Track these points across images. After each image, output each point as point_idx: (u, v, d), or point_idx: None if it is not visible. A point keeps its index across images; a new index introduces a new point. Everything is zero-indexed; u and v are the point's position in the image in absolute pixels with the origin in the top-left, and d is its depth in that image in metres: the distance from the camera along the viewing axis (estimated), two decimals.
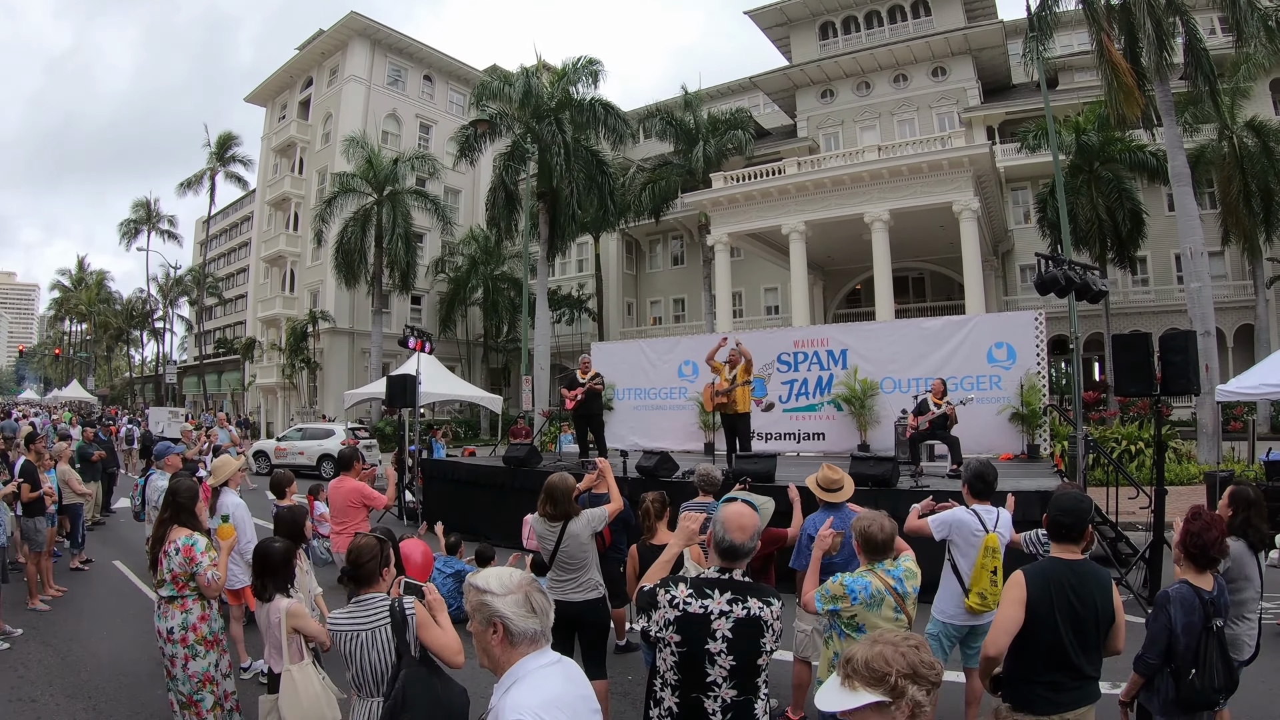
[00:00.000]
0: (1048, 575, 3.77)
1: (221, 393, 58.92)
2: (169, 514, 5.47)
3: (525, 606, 2.50)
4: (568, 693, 2.47)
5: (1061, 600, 3.70)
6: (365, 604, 3.79)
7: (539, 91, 29.42)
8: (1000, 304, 35.00)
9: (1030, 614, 3.68)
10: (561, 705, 2.40)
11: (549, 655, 2.55)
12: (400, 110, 47.37)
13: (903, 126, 39.81)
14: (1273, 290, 30.74)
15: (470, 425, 41.91)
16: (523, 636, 2.49)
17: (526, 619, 2.49)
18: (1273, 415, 26.13)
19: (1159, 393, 9.44)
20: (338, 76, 46.12)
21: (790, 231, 28.60)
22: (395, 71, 47.50)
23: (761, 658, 3.21)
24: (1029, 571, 3.77)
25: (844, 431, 15.87)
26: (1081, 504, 3.97)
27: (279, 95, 51.65)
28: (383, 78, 46.54)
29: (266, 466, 24.31)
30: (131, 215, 59.43)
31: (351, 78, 45.01)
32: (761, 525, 3.44)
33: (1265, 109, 31.09)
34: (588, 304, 43.74)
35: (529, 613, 2.50)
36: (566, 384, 13.93)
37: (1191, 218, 20.68)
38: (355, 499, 7.93)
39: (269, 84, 51.39)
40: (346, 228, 35.76)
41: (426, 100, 49.26)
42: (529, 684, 2.43)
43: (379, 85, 46.18)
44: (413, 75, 48.56)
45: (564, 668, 2.57)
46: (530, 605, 2.51)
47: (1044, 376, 14.39)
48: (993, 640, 3.76)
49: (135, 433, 27.60)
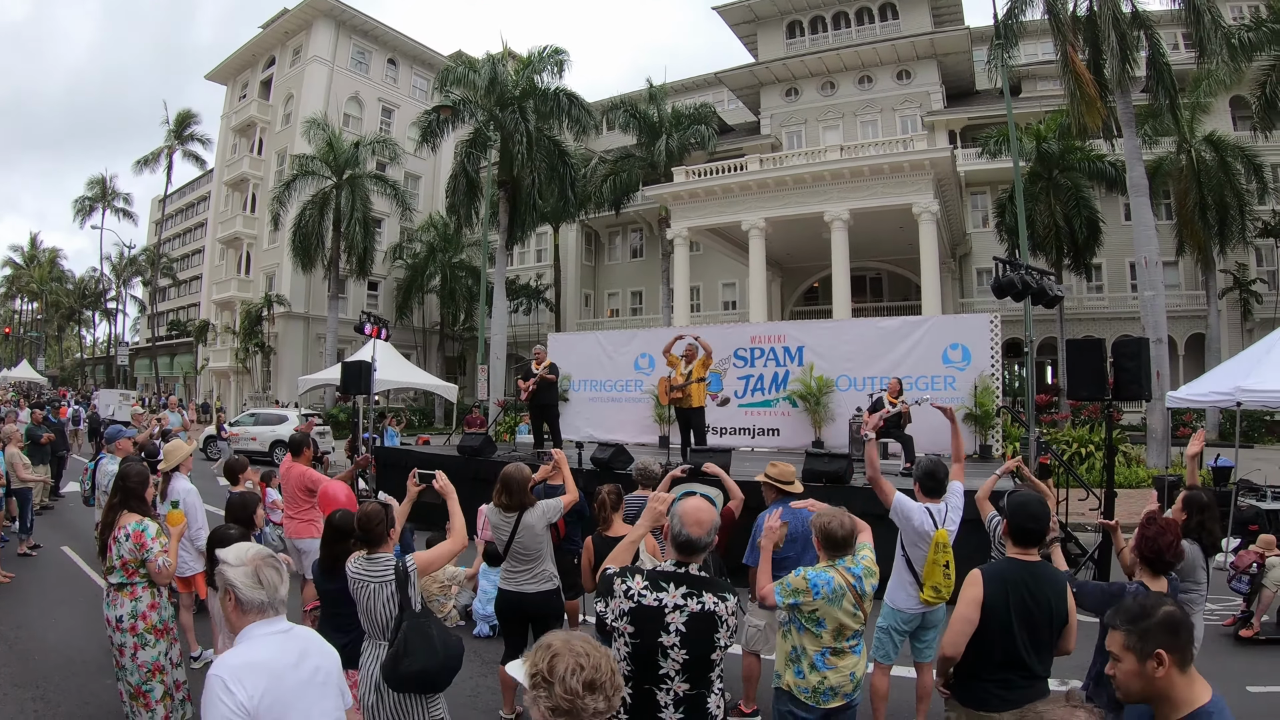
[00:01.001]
0: (1005, 576, 3.79)
1: (174, 376, 57.92)
2: (118, 499, 5.35)
3: (253, 579, 2.77)
4: (277, 660, 2.72)
5: (1017, 601, 3.72)
6: (377, 561, 4.27)
7: (504, 79, 29.28)
8: (956, 306, 35.32)
9: (986, 614, 3.70)
10: (262, 669, 2.65)
11: (278, 625, 2.81)
12: (363, 93, 46.87)
13: (866, 128, 40.05)
14: (1224, 301, 31.41)
15: (425, 414, 41.67)
16: (251, 605, 2.76)
17: (254, 590, 2.76)
18: (1221, 423, 26.63)
19: (1111, 397, 9.54)
20: (301, 57, 45.48)
21: (750, 228, 28.68)
22: (359, 54, 46.97)
23: (715, 653, 3.18)
24: (987, 573, 3.79)
25: (799, 428, 15.91)
26: (1046, 509, 4.02)
27: (240, 74, 50.84)
28: (346, 59, 46.03)
29: (218, 452, 23.89)
30: (87, 192, 58.37)
31: (315, 58, 44.44)
32: (717, 521, 3.43)
33: (1224, 125, 31.67)
34: (546, 294, 43.61)
35: (256, 584, 2.76)
36: (523, 374, 13.83)
37: (1148, 227, 21.00)
38: (306, 484, 7.81)
39: (231, 62, 50.55)
40: (305, 211, 35.31)
41: (390, 84, 48.80)
42: (243, 647, 2.73)
43: (342, 67, 45.66)
44: (377, 58, 48.07)
45: (288, 638, 2.83)
46: (258, 578, 2.78)
47: (998, 378, 14.53)
48: (950, 641, 3.79)
49: (81, 414, 27.07)
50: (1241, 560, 8.60)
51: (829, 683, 4.05)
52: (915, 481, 5.86)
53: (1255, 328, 30.89)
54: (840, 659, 4.09)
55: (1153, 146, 27.16)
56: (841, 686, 4.08)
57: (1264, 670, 7.28)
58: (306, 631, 3.03)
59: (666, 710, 3.18)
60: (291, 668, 2.75)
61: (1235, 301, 32.35)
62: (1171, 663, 2.19)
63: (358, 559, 4.33)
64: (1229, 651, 7.77)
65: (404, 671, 3.88)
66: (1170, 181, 29.33)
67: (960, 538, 5.62)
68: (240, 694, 2.56)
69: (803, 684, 4.07)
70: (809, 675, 4.06)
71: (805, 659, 4.08)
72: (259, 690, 2.60)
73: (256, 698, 2.58)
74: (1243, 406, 13.00)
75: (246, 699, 2.56)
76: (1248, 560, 8.52)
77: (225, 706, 2.53)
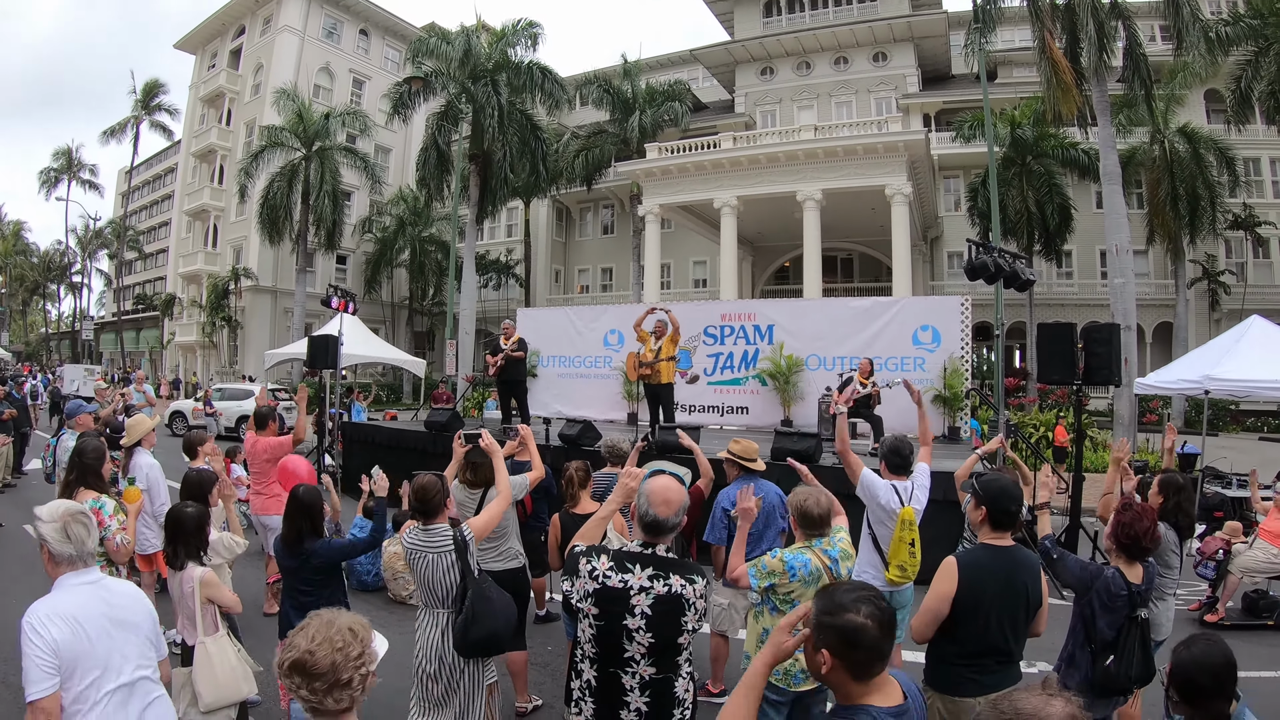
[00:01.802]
0: (982, 563, 3.71)
1: (140, 350, 57.23)
2: (75, 475, 5.26)
3: (62, 534, 3.03)
4: (84, 608, 3.00)
5: (994, 587, 3.67)
6: (433, 532, 4.26)
7: (477, 51, 28.89)
8: (927, 288, 35.54)
9: (962, 601, 3.63)
10: (68, 615, 2.93)
11: (87, 576, 3.11)
12: (334, 64, 46.27)
13: (840, 108, 40.07)
14: (1193, 291, 31.84)
15: (393, 389, 41.57)
16: (61, 557, 3.06)
17: (63, 544, 3.03)
18: (1187, 410, 26.98)
19: (1081, 382, 9.55)
20: (271, 26, 44.72)
21: (722, 206, 28.60)
22: (331, 24, 46.32)
23: (682, 636, 3.08)
24: (962, 561, 3.70)
25: (768, 407, 15.88)
26: (1021, 491, 3.98)
27: (209, 43, 49.94)
28: (318, 29, 45.35)
29: (185, 428, 23.51)
30: (52, 164, 56.91)
31: (285, 28, 43.74)
32: (686, 501, 3.31)
33: (1198, 117, 32.03)
34: (516, 270, 43.52)
35: (65, 539, 3.03)
36: (491, 350, 13.69)
37: (1120, 216, 21.13)
38: (273, 455, 7.67)
39: (200, 31, 49.63)
40: (273, 183, 34.95)
41: (361, 55, 48.18)
42: (53, 595, 3.03)
43: (313, 37, 44.98)
44: (349, 28, 47.41)
45: (96, 588, 3.12)
46: (66, 533, 3.04)
47: (968, 361, 14.54)
48: (917, 629, 3.75)
49: (40, 389, 26.63)
50: (1208, 546, 8.70)
51: (801, 664, 3.95)
52: (881, 459, 5.84)
53: (1223, 318, 31.37)
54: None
55: (1126, 136, 27.29)
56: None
57: None
58: (118, 583, 3.36)
59: (632, 694, 3.10)
60: (97, 615, 3.02)
61: (1204, 292, 32.75)
62: (837, 665, 2.16)
63: (413, 530, 4.33)
64: None
65: (474, 637, 4.01)
66: (1143, 171, 29.63)
67: (927, 517, 5.57)
68: (47, 636, 2.85)
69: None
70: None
71: None
72: (65, 634, 2.88)
73: (62, 640, 2.87)
74: (1210, 395, 13.07)
75: (52, 641, 2.85)
76: (1214, 546, 8.61)
77: (35, 648, 2.82)
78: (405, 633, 7.52)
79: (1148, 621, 4.13)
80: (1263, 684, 6.67)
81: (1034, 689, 1.66)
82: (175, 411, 25.08)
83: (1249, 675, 6.79)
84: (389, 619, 7.92)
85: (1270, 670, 6.99)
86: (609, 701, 3.13)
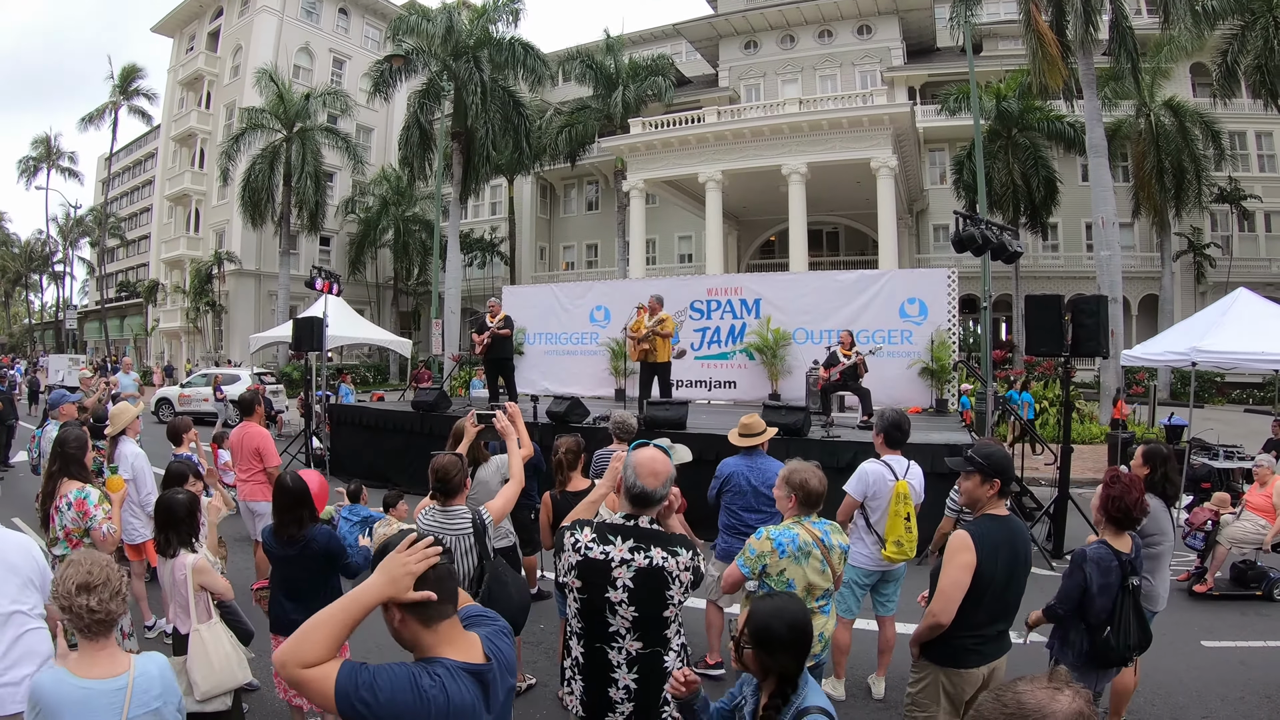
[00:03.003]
0: (992, 535, 3.69)
1: (124, 338, 56.86)
2: (57, 466, 5.17)
3: None
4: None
5: (1004, 562, 3.67)
6: (452, 513, 4.16)
7: (458, 28, 28.74)
8: (913, 262, 35.48)
9: (977, 579, 3.61)
10: None
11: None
12: (314, 44, 45.73)
13: (825, 82, 39.85)
14: (1179, 264, 32.04)
15: (380, 370, 41.53)
16: None
17: None
18: (1172, 382, 27.13)
19: (1070, 353, 9.54)
20: (250, 6, 44.09)
21: (707, 180, 28.53)
22: (310, 3, 45.75)
23: (668, 610, 3.03)
24: (974, 534, 3.66)
25: (755, 381, 15.81)
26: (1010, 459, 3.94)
27: (187, 25, 49.21)
28: (296, 9, 44.79)
29: (171, 414, 23.32)
30: (31, 152, 56.45)
31: (264, 8, 43.16)
32: (673, 473, 3.25)
33: (1184, 90, 32.09)
34: (500, 248, 43.39)
35: None
36: (477, 328, 13.62)
37: (1105, 188, 21.17)
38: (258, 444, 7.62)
39: (177, 13, 48.84)
40: (254, 165, 34.71)
41: (341, 34, 47.63)
42: None
43: (292, 17, 44.42)
44: (328, 7, 46.84)
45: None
46: None
47: (955, 333, 14.51)
48: (942, 609, 3.66)
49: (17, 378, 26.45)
50: (1196, 517, 8.74)
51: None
52: (879, 433, 5.75)
53: (1208, 291, 31.50)
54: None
55: (1112, 109, 27.36)
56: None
57: (1218, 625, 7.41)
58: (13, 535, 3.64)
59: (619, 670, 3.07)
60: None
61: (1189, 265, 32.93)
62: (406, 617, 2.11)
63: (430, 510, 4.24)
64: (1184, 607, 7.82)
65: None
66: (1128, 144, 29.76)
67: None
68: None
69: None
70: None
71: None
72: None
73: None
74: (1197, 367, 13.08)
75: None
76: (1202, 517, 8.65)
77: None
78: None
79: (1139, 589, 4.12)
80: (1253, 654, 6.73)
81: (1039, 680, 1.58)
82: (161, 398, 24.85)
83: (1239, 645, 6.86)
84: None
85: (1259, 640, 7.04)
86: (597, 678, 3.10)
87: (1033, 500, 10.78)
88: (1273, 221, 34.46)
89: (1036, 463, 12.61)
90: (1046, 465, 11.31)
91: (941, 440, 9.49)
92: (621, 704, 3.07)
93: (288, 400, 25.16)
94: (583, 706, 3.15)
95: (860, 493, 5.55)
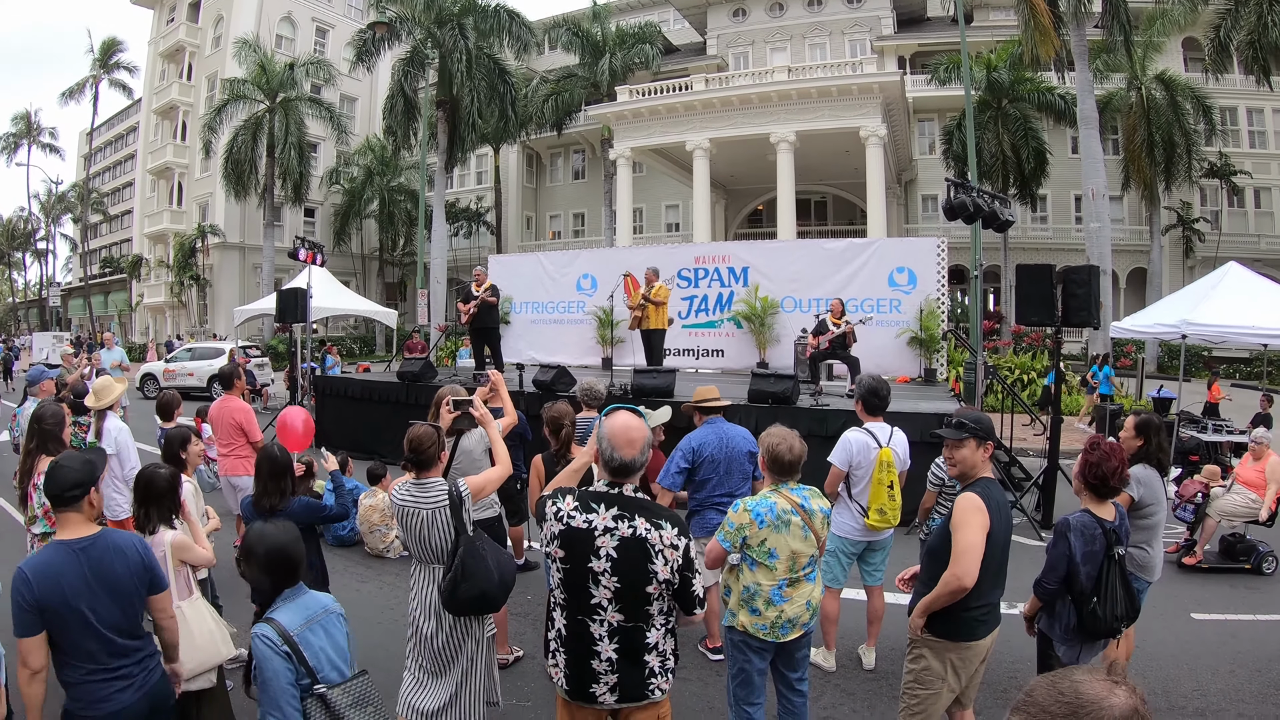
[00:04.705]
0: (995, 499, 3.63)
1: (109, 314, 56.49)
2: (35, 443, 5.07)
3: None
4: None
5: (1003, 520, 3.63)
6: (427, 486, 4.00)
7: None
8: (901, 231, 35.49)
9: (990, 537, 3.57)
10: None
11: None
12: (295, 13, 45.23)
13: (814, 50, 39.56)
14: (1167, 237, 32.16)
15: (366, 341, 41.47)
16: None
17: None
18: (1160, 355, 27.20)
19: (1060, 324, 9.48)
20: None
21: (695, 148, 28.41)
22: None
23: (651, 584, 2.94)
24: (984, 497, 3.59)
25: (743, 349, 15.80)
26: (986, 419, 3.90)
27: None
28: None
29: (156, 390, 23.04)
30: (11, 128, 55.78)
31: None
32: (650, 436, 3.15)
33: (1176, 64, 31.95)
34: (486, 217, 43.28)
35: None
36: (463, 297, 13.52)
37: (1096, 160, 21.14)
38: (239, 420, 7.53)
39: None
40: (237, 137, 34.46)
41: (324, 3, 47.10)
42: None
43: None
44: None
45: None
46: None
47: (943, 303, 14.45)
48: (966, 572, 3.56)
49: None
50: (1186, 490, 8.77)
51: (786, 615, 3.91)
52: (858, 400, 5.72)
53: (1197, 265, 31.72)
54: (796, 589, 3.93)
55: (1104, 82, 27.33)
56: (799, 617, 3.95)
57: (1207, 598, 7.40)
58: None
59: (602, 643, 3.01)
60: None
61: (1178, 239, 33.09)
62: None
63: (405, 484, 4.08)
64: (1174, 579, 7.83)
65: (463, 596, 3.75)
66: (1119, 118, 29.68)
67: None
68: None
69: (759, 621, 3.92)
70: (766, 612, 3.90)
71: (761, 596, 3.90)
72: None
73: None
74: (1187, 340, 13.06)
75: None
76: (1192, 490, 8.68)
77: None
78: (386, 586, 7.43)
79: (1124, 559, 4.05)
80: (1243, 627, 6.72)
81: (1098, 671, 1.48)
82: (147, 374, 24.60)
83: (1229, 618, 6.85)
84: (368, 573, 7.88)
85: (1249, 613, 7.03)
86: (579, 651, 3.05)
87: (1021, 470, 10.77)
88: (1262, 197, 34.66)
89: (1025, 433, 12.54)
90: (1036, 435, 11.27)
91: (930, 410, 9.44)
92: (605, 674, 3.02)
93: (274, 373, 24.99)
94: (566, 679, 3.10)
95: (845, 462, 5.47)
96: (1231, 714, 5.15)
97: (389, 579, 7.60)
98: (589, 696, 3.05)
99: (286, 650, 2.94)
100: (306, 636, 3.01)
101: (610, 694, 3.03)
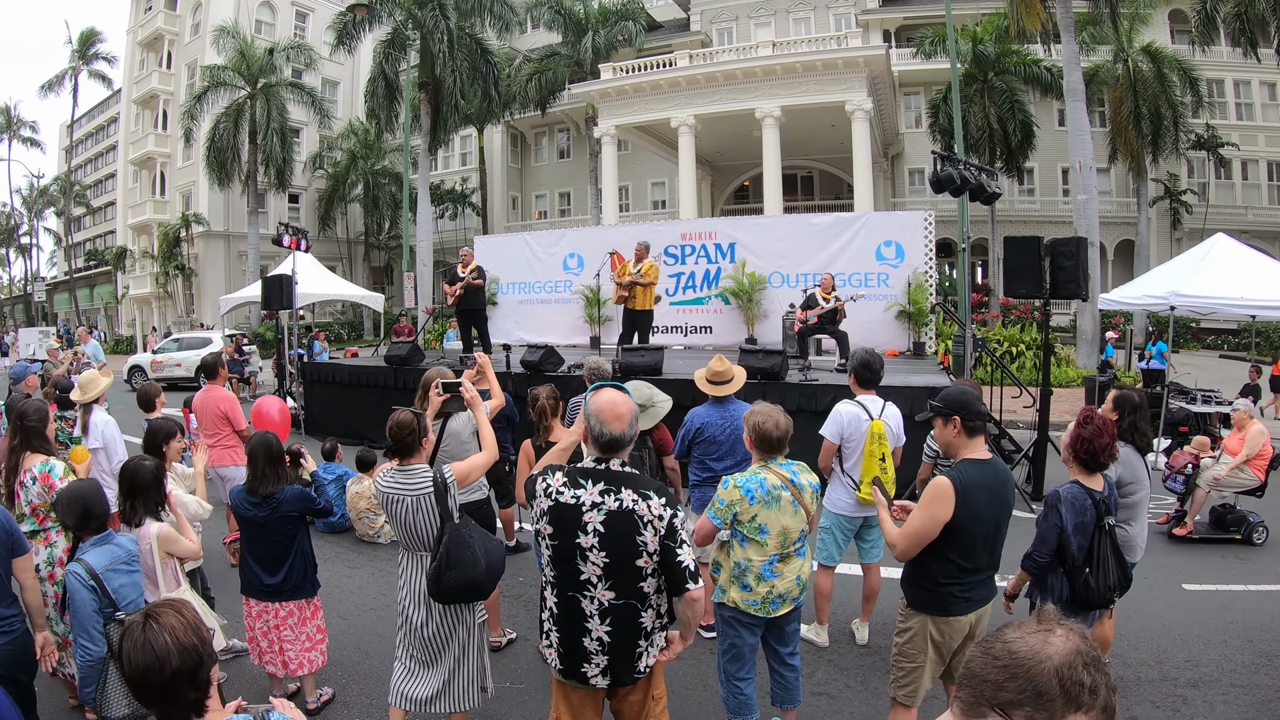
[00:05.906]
0: (975, 481, 3.56)
1: (95, 307, 56.17)
2: (19, 440, 4.99)
3: None
4: None
5: (985, 505, 3.55)
6: (410, 473, 4.03)
7: None
8: (889, 205, 35.36)
9: (959, 523, 3.50)
10: None
11: None
12: None
13: (798, 25, 39.25)
14: (1155, 209, 32.14)
15: (353, 326, 41.33)
16: None
17: None
18: (1148, 327, 27.32)
19: (1049, 296, 9.45)
20: None
21: (680, 125, 28.25)
22: None
23: (640, 558, 2.93)
24: (956, 481, 3.52)
25: (731, 325, 15.83)
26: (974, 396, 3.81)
27: None
28: None
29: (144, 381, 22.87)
30: None
31: None
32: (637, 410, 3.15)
33: (1163, 36, 31.87)
34: (471, 198, 43.01)
35: None
36: (449, 279, 13.46)
37: (1083, 132, 21.10)
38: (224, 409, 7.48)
39: None
40: (218, 124, 34.15)
41: None
42: None
43: None
44: None
45: None
46: None
47: (931, 276, 14.44)
48: (903, 551, 3.63)
49: None
50: (1176, 461, 8.82)
51: (777, 590, 3.92)
52: (850, 373, 5.73)
53: (1184, 237, 31.63)
54: (786, 564, 3.93)
55: (1090, 54, 27.21)
56: (789, 592, 3.96)
57: (1198, 569, 7.43)
58: None
59: (592, 620, 3.01)
60: None
61: (1165, 211, 33.08)
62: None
63: (389, 471, 4.09)
64: (1164, 550, 7.88)
65: (449, 584, 3.79)
66: (1106, 90, 29.55)
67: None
68: None
69: (751, 597, 3.93)
70: (757, 588, 3.91)
71: (751, 572, 3.91)
72: None
73: None
74: (1176, 311, 13.07)
75: None
76: (1182, 461, 8.72)
77: None
78: (378, 572, 7.41)
79: (1114, 529, 4.07)
80: (1234, 597, 6.74)
81: (1027, 624, 1.42)
82: (134, 366, 24.42)
83: (1220, 589, 6.87)
84: (359, 559, 7.88)
85: (1240, 584, 7.06)
86: (570, 629, 3.06)
87: (1011, 443, 10.77)
88: (1249, 169, 34.72)
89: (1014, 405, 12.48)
90: (1025, 408, 11.27)
91: (921, 383, 9.42)
92: (596, 655, 3.03)
93: (262, 361, 24.87)
94: (559, 658, 3.11)
95: (836, 434, 5.47)
96: (1224, 684, 5.16)
97: (381, 564, 7.58)
98: (581, 676, 3.06)
99: (93, 585, 3.63)
100: (110, 575, 3.68)
101: (602, 676, 3.04)
